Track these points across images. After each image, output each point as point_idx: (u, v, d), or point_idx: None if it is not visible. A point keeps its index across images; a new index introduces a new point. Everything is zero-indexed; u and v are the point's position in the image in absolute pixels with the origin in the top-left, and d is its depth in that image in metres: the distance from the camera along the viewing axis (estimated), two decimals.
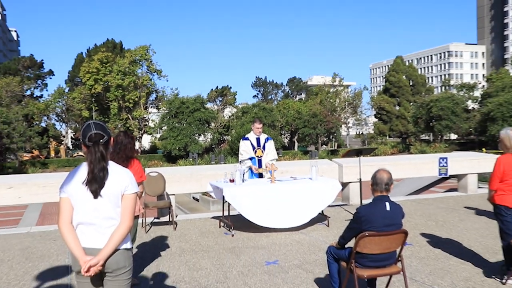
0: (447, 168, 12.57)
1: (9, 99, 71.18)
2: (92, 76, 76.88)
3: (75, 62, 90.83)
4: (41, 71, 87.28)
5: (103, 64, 76.92)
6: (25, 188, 9.95)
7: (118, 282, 3.52)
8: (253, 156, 10.00)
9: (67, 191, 3.46)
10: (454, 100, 75.51)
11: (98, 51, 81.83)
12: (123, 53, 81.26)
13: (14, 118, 66.41)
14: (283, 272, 6.51)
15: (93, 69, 76.78)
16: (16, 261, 7.54)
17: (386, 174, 4.88)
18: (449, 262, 6.80)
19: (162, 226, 9.90)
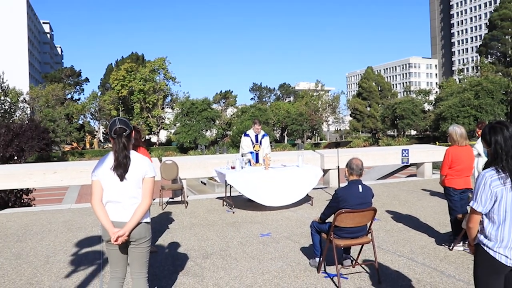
0: (408, 158, 12.56)
1: (54, 102, 71.16)
2: (120, 82, 76.72)
3: (106, 71, 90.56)
4: (79, 79, 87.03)
5: (128, 72, 76.75)
6: (66, 173, 9.90)
7: (140, 249, 3.50)
8: (252, 151, 9.95)
9: (98, 175, 3.44)
10: (413, 103, 75.78)
11: (124, 62, 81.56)
12: (144, 64, 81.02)
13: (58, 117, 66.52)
14: (274, 242, 6.49)
15: (120, 76, 76.63)
16: (60, 231, 7.52)
17: (360, 161, 4.88)
18: (409, 233, 6.79)
19: (176, 204, 9.86)
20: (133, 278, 3.56)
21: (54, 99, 71.66)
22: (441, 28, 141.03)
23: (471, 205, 2.87)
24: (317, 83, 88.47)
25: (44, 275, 5.28)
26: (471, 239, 2.98)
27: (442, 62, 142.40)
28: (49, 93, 71.61)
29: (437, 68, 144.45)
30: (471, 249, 3.01)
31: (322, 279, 4.92)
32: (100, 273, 5.28)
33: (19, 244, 6.75)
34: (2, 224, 8.20)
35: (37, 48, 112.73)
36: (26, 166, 10.69)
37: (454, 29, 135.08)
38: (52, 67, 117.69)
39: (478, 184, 2.84)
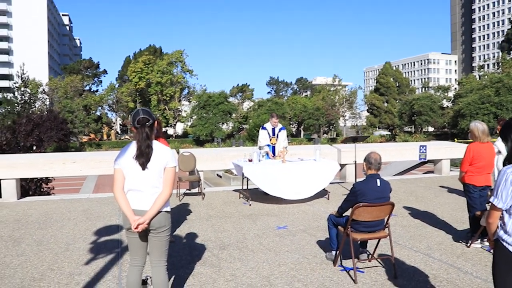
0: (426, 154, 12.47)
1: (72, 93, 72.03)
2: (137, 74, 77.18)
3: (124, 63, 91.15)
4: (97, 71, 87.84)
5: (146, 65, 77.17)
6: (85, 163, 10.04)
7: (160, 237, 3.56)
8: (268, 143, 9.98)
9: (120, 163, 3.50)
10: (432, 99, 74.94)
11: (142, 54, 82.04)
12: (162, 56, 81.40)
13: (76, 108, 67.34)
14: (291, 235, 6.52)
15: (138, 69, 77.07)
16: (79, 220, 7.66)
17: (378, 155, 4.88)
18: (426, 229, 6.77)
19: (193, 196, 9.94)
20: (153, 266, 3.62)
21: (72, 90, 72.51)
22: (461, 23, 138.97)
23: (491, 201, 2.87)
24: (334, 77, 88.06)
25: (64, 261, 5.39)
26: (490, 234, 2.97)
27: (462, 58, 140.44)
28: (67, 84, 72.49)
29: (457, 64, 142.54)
30: (490, 244, 3.01)
31: (338, 272, 4.94)
32: (118, 261, 5.37)
33: (40, 231, 6.89)
34: (24, 212, 8.37)
35: (56, 40, 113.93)
36: (46, 156, 10.87)
37: (475, 24, 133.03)
38: (71, 59, 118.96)
39: (499, 180, 2.83)
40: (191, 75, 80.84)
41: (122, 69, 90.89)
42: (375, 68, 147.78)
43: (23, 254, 5.69)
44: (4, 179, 9.57)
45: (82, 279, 4.79)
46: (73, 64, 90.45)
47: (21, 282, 4.72)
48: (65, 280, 4.76)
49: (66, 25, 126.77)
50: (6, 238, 6.51)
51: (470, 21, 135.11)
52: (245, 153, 9.81)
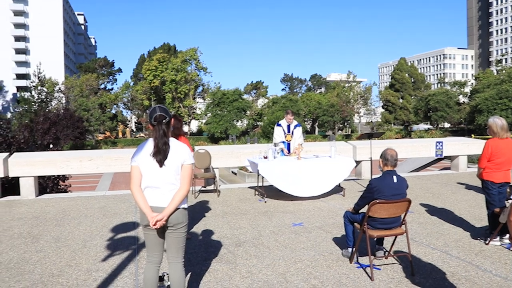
0: (442, 150, 12.35)
1: (88, 91, 72.78)
2: (152, 72, 77.64)
3: (139, 62, 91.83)
4: (112, 69, 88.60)
5: (160, 63, 77.59)
6: (102, 160, 10.14)
7: (177, 234, 3.58)
8: (284, 140, 9.97)
9: (137, 160, 3.52)
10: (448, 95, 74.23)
11: (157, 52, 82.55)
12: (176, 54, 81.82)
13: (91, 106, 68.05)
14: (307, 232, 6.51)
15: (153, 67, 77.53)
16: (96, 217, 7.73)
17: (394, 152, 4.85)
18: (443, 226, 6.71)
19: (208, 193, 9.98)
20: (170, 263, 3.64)
21: (88, 89, 73.28)
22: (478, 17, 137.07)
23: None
24: (348, 74, 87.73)
25: (82, 258, 5.45)
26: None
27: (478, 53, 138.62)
28: (83, 83, 73.30)
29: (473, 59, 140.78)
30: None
31: (355, 269, 4.92)
32: (135, 258, 5.42)
33: (58, 228, 6.98)
34: (41, 209, 8.48)
35: (72, 39, 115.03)
36: (63, 153, 10.99)
37: (492, 18, 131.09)
38: (86, 58, 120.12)
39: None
40: (205, 72, 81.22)
41: (136, 67, 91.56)
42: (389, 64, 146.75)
43: (42, 251, 5.77)
44: (22, 177, 9.70)
45: (99, 276, 4.84)
46: (89, 62, 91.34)
47: (40, 278, 4.79)
48: (83, 276, 4.81)
49: (81, 24, 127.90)
50: (26, 234, 6.61)
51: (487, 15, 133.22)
52: (260, 150, 9.82)
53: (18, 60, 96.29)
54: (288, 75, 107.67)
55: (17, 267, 5.14)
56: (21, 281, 4.70)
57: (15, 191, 10.77)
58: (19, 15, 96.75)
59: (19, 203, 9.12)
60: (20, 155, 10.12)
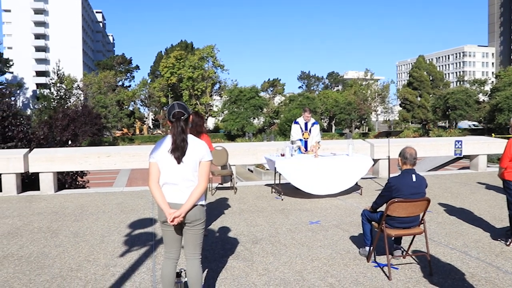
0: (462, 149, 12.19)
1: (106, 88, 73.53)
2: (169, 70, 78.04)
3: (156, 59, 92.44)
4: (130, 66, 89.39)
5: (177, 60, 77.93)
6: (119, 157, 10.23)
7: (195, 231, 3.59)
8: (301, 138, 9.94)
9: (155, 157, 3.53)
10: (467, 93, 73.29)
11: (174, 50, 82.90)
12: (193, 51, 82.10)
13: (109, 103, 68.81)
14: (324, 230, 6.49)
15: (170, 64, 77.91)
16: (114, 213, 7.81)
17: (413, 150, 4.81)
18: (462, 226, 6.62)
19: (225, 190, 10.00)
20: (187, 259, 3.65)
21: (106, 86, 74.03)
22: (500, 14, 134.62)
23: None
24: (366, 71, 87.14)
25: (100, 253, 5.51)
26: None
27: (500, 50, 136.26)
28: (101, 80, 74.07)
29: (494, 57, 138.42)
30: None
31: (372, 269, 4.89)
32: (152, 254, 5.45)
33: (76, 223, 7.06)
34: (60, 204, 8.60)
35: (90, 36, 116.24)
36: (82, 150, 11.11)
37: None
38: (104, 55, 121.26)
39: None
40: (222, 70, 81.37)
41: (154, 65, 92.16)
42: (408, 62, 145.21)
43: (61, 245, 5.85)
44: (42, 172, 9.84)
45: (117, 271, 4.88)
46: (107, 60, 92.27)
47: (59, 272, 4.85)
48: (101, 271, 4.86)
49: (99, 22, 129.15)
50: (45, 229, 6.71)
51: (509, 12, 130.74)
52: (277, 147, 9.82)
53: (38, 58, 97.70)
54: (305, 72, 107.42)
55: (37, 261, 5.22)
56: (41, 275, 4.78)
57: (34, 186, 10.93)
58: (39, 13, 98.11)
59: (38, 198, 9.26)
60: (40, 151, 10.26)
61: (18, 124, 13.43)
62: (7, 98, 14.60)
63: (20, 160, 9.60)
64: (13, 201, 9.03)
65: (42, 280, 4.64)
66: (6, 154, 9.76)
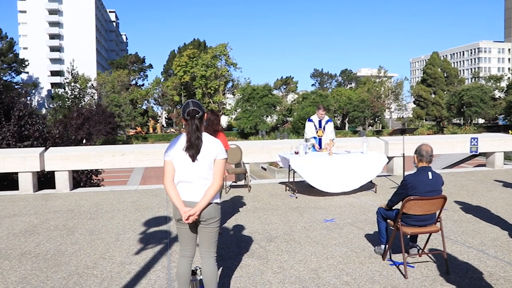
0: (477, 147, 12.05)
1: (119, 87, 74.03)
2: (182, 68, 78.29)
3: (169, 58, 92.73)
4: (143, 65, 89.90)
5: (190, 58, 78.16)
6: (134, 156, 10.29)
7: (209, 229, 3.60)
8: (315, 136, 9.91)
9: (170, 155, 3.54)
10: (482, 89, 72.45)
11: (187, 48, 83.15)
12: (206, 50, 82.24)
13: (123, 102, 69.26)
14: (338, 228, 6.46)
15: (183, 63, 78.16)
16: (128, 211, 7.86)
17: (429, 147, 4.75)
18: (479, 225, 6.54)
19: (239, 188, 10.01)
20: (202, 257, 3.65)
21: (119, 85, 74.57)
22: None
23: None
24: (379, 69, 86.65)
25: (115, 251, 5.55)
26: None
27: None
28: (115, 79, 74.64)
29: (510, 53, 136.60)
30: None
31: (388, 267, 4.85)
32: (167, 252, 5.48)
33: (91, 221, 7.12)
34: (76, 202, 8.68)
35: (103, 36, 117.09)
36: (96, 148, 11.20)
37: None
38: (117, 54, 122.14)
39: None
40: (235, 68, 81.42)
41: (167, 63, 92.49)
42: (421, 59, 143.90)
43: (77, 243, 5.90)
44: (58, 171, 9.94)
45: (132, 268, 4.91)
46: (120, 59, 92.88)
47: (76, 269, 4.89)
48: (117, 269, 4.90)
49: (112, 22, 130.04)
50: (61, 227, 6.77)
51: None
52: (291, 145, 9.79)
53: (53, 57, 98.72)
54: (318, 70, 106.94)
55: (53, 258, 5.28)
56: (57, 272, 4.82)
57: (50, 184, 11.04)
58: (54, 14, 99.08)
59: (54, 197, 9.35)
60: (56, 150, 10.36)
61: (33, 123, 13.57)
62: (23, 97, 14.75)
63: (36, 158, 9.71)
64: (30, 199, 9.14)
65: (59, 277, 4.69)
66: (22, 153, 9.88)
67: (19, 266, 5.06)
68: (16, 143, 12.57)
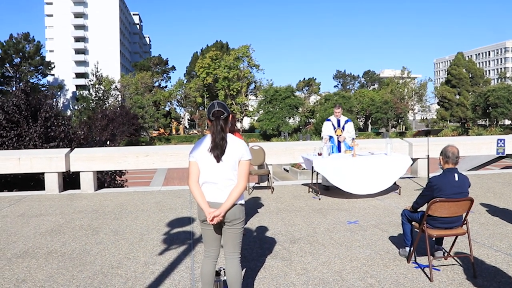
0: (504, 148, 11.81)
1: (143, 89, 74.82)
2: (205, 70, 78.70)
3: (192, 59, 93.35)
4: (166, 67, 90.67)
5: (213, 60, 78.53)
6: (157, 157, 10.38)
7: (234, 230, 3.60)
8: (332, 135, 9.85)
9: (195, 156, 3.56)
10: (509, 90, 71.04)
11: (209, 50, 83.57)
12: (228, 52, 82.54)
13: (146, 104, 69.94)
14: (362, 230, 6.41)
15: (205, 64, 78.58)
16: (152, 212, 7.93)
17: (456, 149, 4.68)
18: (507, 228, 6.41)
19: (262, 189, 10.01)
20: (227, 258, 3.66)
21: (143, 86, 75.35)
22: None
23: None
24: (403, 70, 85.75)
25: (139, 251, 5.61)
26: None
27: None
28: (138, 81, 75.44)
29: None
30: None
31: (413, 269, 4.79)
32: (191, 252, 5.51)
33: (116, 221, 7.21)
34: (100, 203, 8.80)
35: (127, 38, 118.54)
36: (121, 149, 11.33)
37: None
38: (141, 56, 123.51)
39: None
40: (257, 69, 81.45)
41: (190, 65, 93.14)
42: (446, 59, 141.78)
43: (102, 243, 5.98)
44: (83, 171, 10.09)
45: (156, 269, 4.95)
46: (143, 61, 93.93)
47: (101, 269, 4.96)
48: (141, 269, 4.94)
49: (136, 24, 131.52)
50: (86, 227, 6.88)
51: None
52: (315, 147, 9.74)
53: (78, 60, 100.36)
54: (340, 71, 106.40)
55: (79, 258, 5.36)
56: (83, 271, 4.89)
57: (75, 185, 11.23)
58: (79, 17, 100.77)
59: (79, 197, 9.50)
60: (81, 151, 10.52)
61: (59, 125, 13.83)
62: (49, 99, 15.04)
63: (62, 159, 9.88)
64: (55, 199, 9.30)
65: (84, 276, 4.76)
66: (48, 154, 10.06)
67: (46, 264, 5.15)
68: (43, 144, 12.82)
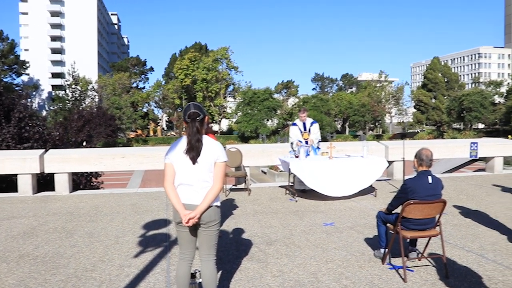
0: (477, 151, 12.06)
1: (120, 90, 74.11)
2: (183, 71, 78.44)
3: (170, 61, 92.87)
4: (144, 68, 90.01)
5: (191, 62, 78.31)
6: (134, 158, 10.29)
7: (209, 232, 3.59)
8: (300, 139, 9.86)
9: (171, 158, 3.54)
10: (483, 95, 72.70)
11: (188, 51, 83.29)
12: (207, 53, 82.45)
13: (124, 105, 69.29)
14: (338, 232, 6.46)
15: (184, 66, 78.32)
16: (128, 214, 7.85)
17: (429, 151, 4.77)
18: (478, 229, 6.54)
19: (239, 191, 10.00)
20: (202, 260, 3.65)
21: (120, 87, 74.67)
22: None
23: None
24: (380, 73, 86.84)
25: (114, 253, 5.54)
26: None
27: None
28: (116, 81, 74.74)
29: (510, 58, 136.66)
30: None
31: (387, 271, 4.85)
32: (167, 255, 5.47)
33: (91, 224, 7.12)
34: (75, 205, 8.67)
35: (105, 38, 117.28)
36: (97, 151, 11.20)
37: None
38: (119, 57, 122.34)
39: None
40: (236, 71, 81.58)
41: (168, 66, 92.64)
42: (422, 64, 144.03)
43: (76, 246, 5.89)
44: (57, 173, 9.94)
45: (131, 271, 4.91)
46: (121, 62, 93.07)
47: (74, 272, 4.89)
48: (116, 272, 4.89)
49: (114, 24, 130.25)
50: (60, 229, 6.77)
51: None
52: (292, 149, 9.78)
53: (54, 59, 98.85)
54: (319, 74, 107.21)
55: (52, 261, 5.27)
56: (56, 275, 4.82)
57: (49, 187, 11.04)
58: (56, 16, 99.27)
59: (53, 199, 9.35)
60: (55, 152, 10.36)
61: (34, 125, 13.58)
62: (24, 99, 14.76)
63: (36, 160, 9.71)
64: (29, 201, 9.13)
65: (57, 280, 4.68)
66: (22, 155, 9.88)
67: (17, 268, 5.05)
68: (16, 145, 12.57)
